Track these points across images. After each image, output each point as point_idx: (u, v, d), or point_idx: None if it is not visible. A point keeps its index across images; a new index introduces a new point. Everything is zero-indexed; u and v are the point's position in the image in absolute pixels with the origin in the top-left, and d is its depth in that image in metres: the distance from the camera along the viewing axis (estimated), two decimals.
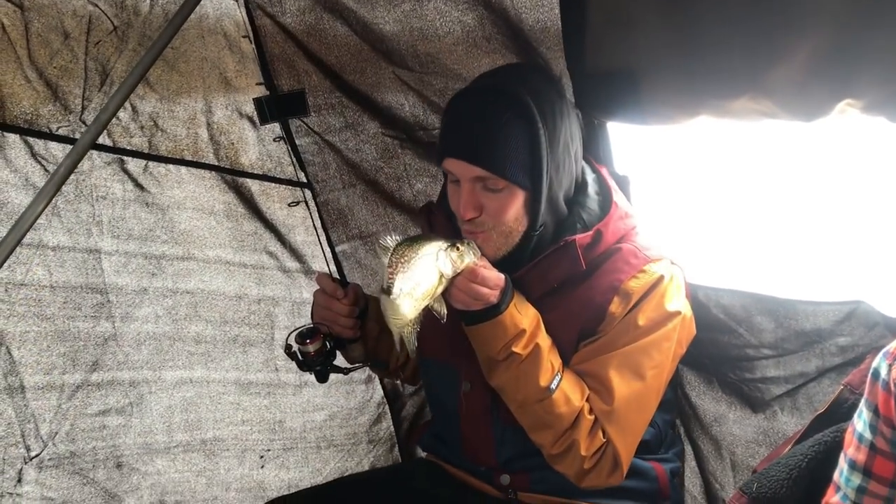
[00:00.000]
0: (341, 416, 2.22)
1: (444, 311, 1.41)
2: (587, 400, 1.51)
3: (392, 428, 2.35)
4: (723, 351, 1.93)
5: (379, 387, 2.32)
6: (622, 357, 1.50)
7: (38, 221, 1.61)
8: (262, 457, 2.07)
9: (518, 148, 1.41)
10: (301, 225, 2.11)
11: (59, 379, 1.68)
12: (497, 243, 1.50)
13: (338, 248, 2.22)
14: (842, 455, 1.34)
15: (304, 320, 2.09)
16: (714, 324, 1.89)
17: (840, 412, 1.48)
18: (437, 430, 1.84)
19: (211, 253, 1.95)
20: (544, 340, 1.49)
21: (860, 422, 1.29)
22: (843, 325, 1.74)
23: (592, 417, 1.49)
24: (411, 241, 1.37)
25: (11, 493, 1.67)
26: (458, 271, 1.38)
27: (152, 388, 1.85)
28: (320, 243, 1.99)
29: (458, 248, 1.37)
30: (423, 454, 1.93)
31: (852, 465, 1.29)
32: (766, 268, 1.90)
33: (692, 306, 1.63)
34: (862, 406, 1.30)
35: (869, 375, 1.26)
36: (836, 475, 1.34)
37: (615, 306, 1.50)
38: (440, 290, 1.38)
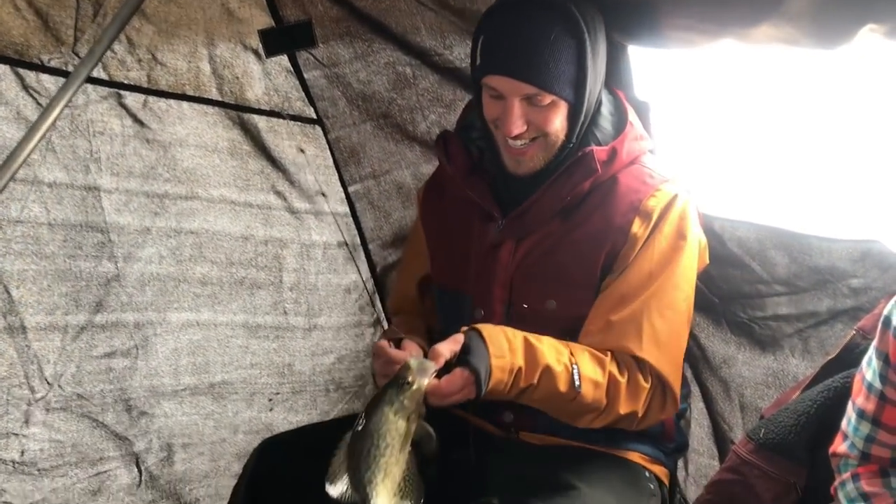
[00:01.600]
0: (350, 359, 2.18)
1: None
2: (616, 361, 1.46)
3: None
4: (734, 287, 1.89)
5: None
6: (655, 299, 1.46)
7: (32, 157, 1.57)
8: (270, 400, 2.02)
9: (566, 62, 1.39)
10: (311, 163, 2.03)
11: (61, 320, 1.61)
12: (537, 157, 1.48)
13: (350, 189, 2.14)
14: (850, 404, 1.30)
15: (314, 264, 2.04)
16: (727, 257, 1.86)
17: (851, 357, 1.45)
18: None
19: (215, 192, 1.87)
20: (544, 354, 1.40)
21: (869, 370, 1.24)
22: (858, 264, 1.71)
23: (625, 378, 1.44)
24: (356, 436, 1.22)
25: (18, 434, 1.61)
26: (421, 403, 1.23)
27: (157, 330, 1.78)
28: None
29: (407, 384, 1.21)
30: None
31: (861, 415, 1.25)
32: (783, 202, 1.85)
33: (707, 237, 1.61)
34: (871, 354, 1.25)
35: (880, 323, 1.22)
36: (843, 424, 1.31)
37: (637, 227, 1.46)
38: (408, 438, 1.22)
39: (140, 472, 1.79)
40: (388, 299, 2.00)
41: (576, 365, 1.42)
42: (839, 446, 1.30)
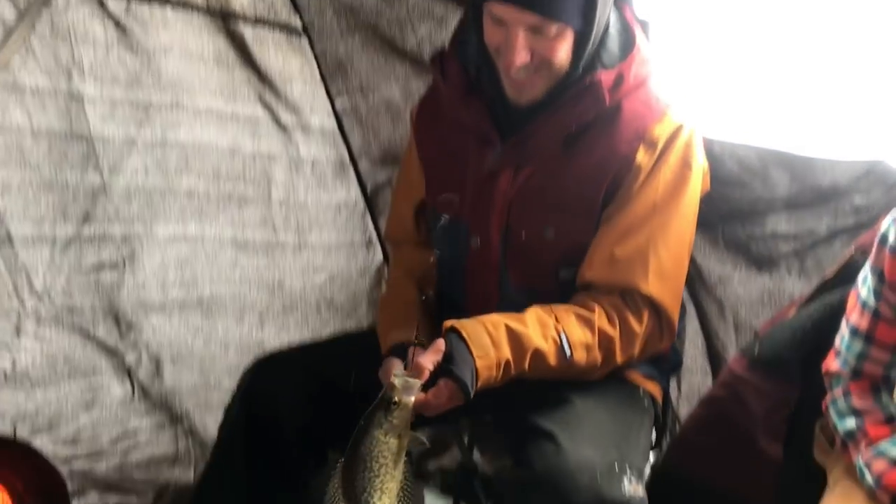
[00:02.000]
0: (342, 279, 2.19)
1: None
2: (605, 313, 1.48)
3: None
4: (734, 206, 1.92)
5: (380, 250, 2.28)
6: (661, 232, 1.47)
7: (11, 61, 1.55)
8: (261, 317, 2.03)
9: None
10: (298, 75, 2.01)
11: (49, 231, 1.61)
12: (540, 86, 1.45)
13: (337, 102, 2.12)
14: (843, 321, 1.34)
15: (303, 179, 2.03)
16: (727, 178, 1.87)
17: (849, 275, 1.47)
18: (439, 289, 1.82)
19: (201, 102, 1.85)
20: (530, 337, 1.42)
21: (864, 287, 1.27)
22: (861, 181, 1.73)
23: (616, 330, 1.47)
24: (348, 461, 1.25)
25: (9, 345, 1.64)
26: (409, 417, 1.25)
27: (144, 243, 1.79)
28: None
29: (394, 405, 1.23)
30: None
31: (854, 332, 1.29)
32: (785, 124, 1.85)
33: (707, 160, 1.60)
34: (867, 271, 1.28)
35: (877, 239, 1.24)
36: (836, 341, 1.35)
37: (641, 156, 1.46)
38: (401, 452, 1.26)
39: (132, 385, 1.82)
40: (385, 226, 1.96)
41: (563, 333, 1.44)
42: (831, 364, 1.35)
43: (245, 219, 1.95)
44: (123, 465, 1.83)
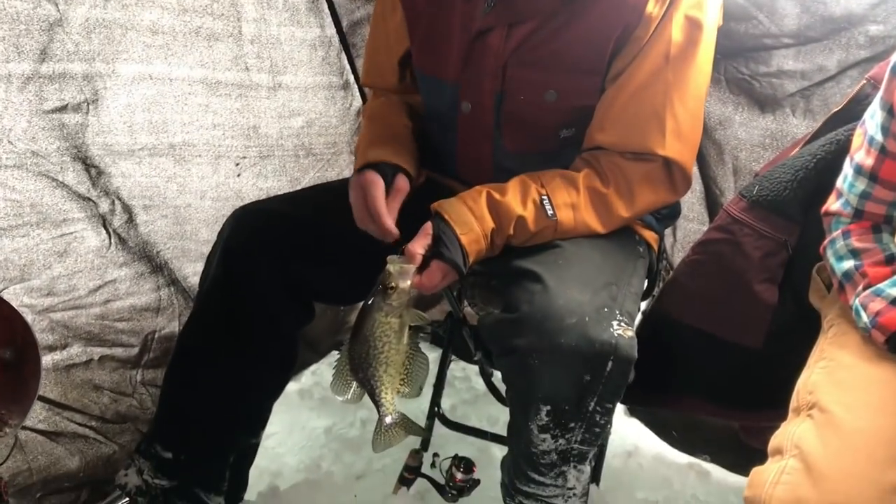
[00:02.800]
0: (320, 124, 2.17)
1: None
2: (597, 173, 1.53)
3: None
4: (737, 42, 1.91)
5: (358, 95, 2.24)
6: (677, 88, 1.46)
7: None
8: (237, 164, 2.02)
9: None
10: None
11: (2, 68, 1.54)
12: None
13: None
14: (846, 161, 1.34)
15: (275, 14, 1.96)
16: (731, 10, 1.85)
17: (859, 110, 1.46)
18: (431, 142, 1.80)
19: None
20: (510, 204, 1.47)
21: (872, 123, 1.26)
22: (878, 8, 1.71)
23: (611, 188, 1.51)
24: (353, 342, 1.39)
25: None
26: (410, 293, 1.36)
27: (107, 83, 1.72)
28: None
29: (391, 289, 1.34)
30: None
31: (858, 170, 1.29)
32: None
33: None
34: (875, 106, 1.27)
35: (888, 70, 1.22)
36: (838, 182, 1.35)
37: (652, 5, 1.41)
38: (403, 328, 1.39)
39: (109, 233, 1.82)
40: (362, 73, 1.92)
41: (545, 195, 1.48)
42: (832, 204, 1.36)
43: (215, 58, 1.89)
44: (105, 315, 1.87)
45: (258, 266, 1.59)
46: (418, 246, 1.40)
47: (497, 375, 2.07)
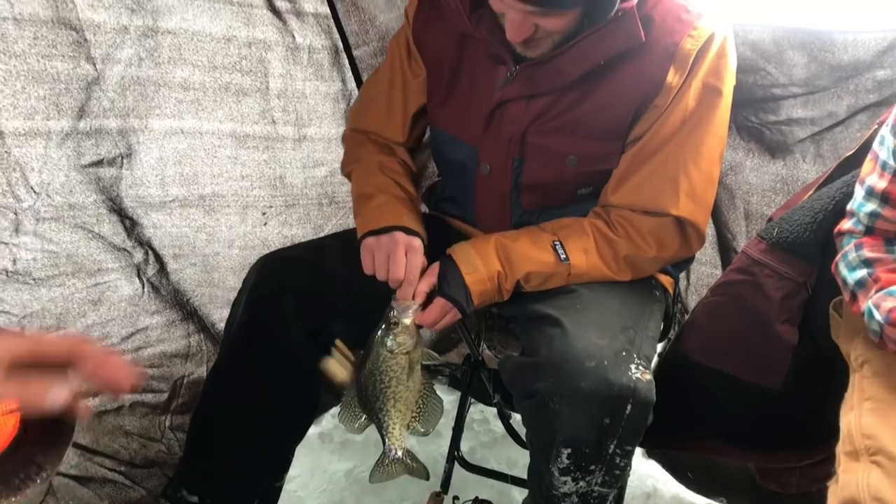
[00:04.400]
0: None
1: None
2: (606, 222, 1.55)
3: None
4: (746, 93, 1.92)
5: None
6: (691, 150, 1.48)
7: None
8: (264, 214, 2.07)
9: None
10: None
11: (43, 125, 1.60)
12: (547, 46, 1.43)
13: None
14: (857, 186, 1.34)
15: (300, 69, 2.01)
16: (740, 64, 1.85)
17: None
18: (448, 195, 1.83)
19: None
20: (520, 248, 1.51)
21: (883, 149, 1.28)
22: (885, 56, 1.74)
23: (622, 235, 1.53)
24: (361, 375, 1.43)
25: (7, 243, 1.66)
26: (415, 336, 1.41)
27: (141, 137, 1.79)
28: None
29: (394, 325, 1.40)
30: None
31: (870, 192, 1.30)
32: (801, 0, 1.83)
33: None
34: (885, 132, 1.28)
35: None
36: (850, 205, 1.36)
37: (672, 76, 1.44)
38: (413, 366, 1.43)
39: (142, 282, 1.87)
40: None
41: (558, 241, 1.52)
42: (844, 224, 1.37)
43: (243, 112, 1.95)
44: (136, 362, 1.91)
45: (282, 311, 1.62)
46: (424, 284, 1.46)
47: (516, 418, 2.07)
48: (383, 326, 1.41)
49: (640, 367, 1.37)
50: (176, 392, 2.01)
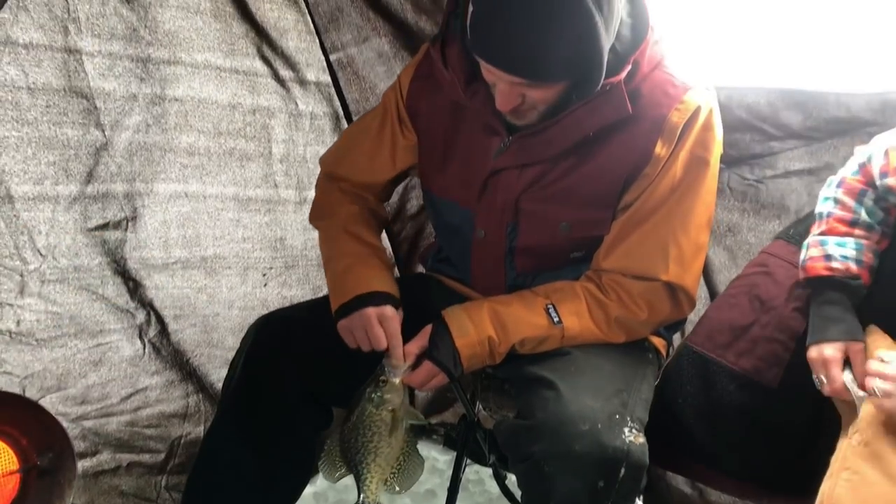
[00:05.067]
0: None
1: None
2: (597, 285, 1.57)
3: (391, 248, 2.37)
4: (742, 151, 1.97)
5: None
6: (680, 218, 1.51)
7: (2, 15, 1.57)
8: (264, 275, 2.09)
9: (568, 47, 1.29)
10: (293, 29, 2.04)
11: (52, 190, 1.64)
12: (535, 116, 1.46)
13: (332, 57, 2.16)
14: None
15: (302, 135, 2.06)
16: (735, 124, 1.91)
17: None
18: (444, 255, 1.86)
19: (199, 57, 1.88)
20: (512, 312, 1.53)
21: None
22: (878, 114, 1.79)
23: (614, 298, 1.55)
24: (345, 427, 1.46)
25: (12, 305, 1.69)
26: (402, 395, 1.45)
27: (146, 201, 1.83)
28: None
29: (382, 382, 1.44)
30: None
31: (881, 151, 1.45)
32: (794, 63, 1.88)
33: None
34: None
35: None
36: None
37: (660, 147, 1.48)
38: (396, 424, 1.47)
39: (143, 343, 1.89)
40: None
41: (551, 305, 1.54)
42: (857, 147, 1.52)
43: (247, 176, 2.00)
44: (134, 422, 1.92)
45: (279, 371, 1.63)
46: (414, 346, 1.49)
47: (511, 479, 2.06)
48: (372, 382, 1.45)
49: (634, 430, 1.38)
50: (173, 452, 2.01)
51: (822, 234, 1.47)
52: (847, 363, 1.37)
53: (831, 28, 1.81)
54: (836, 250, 1.43)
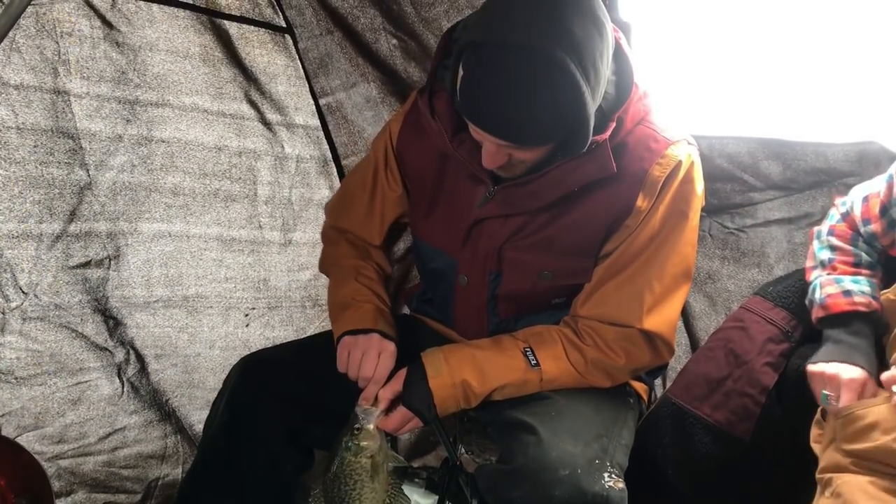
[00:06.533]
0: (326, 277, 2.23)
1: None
2: (574, 330, 1.59)
3: None
4: (723, 200, 2.00)
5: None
6: (657, 268, 1.54)
7: None
8: (246, 315, 2.10)
9: (555, 114, 1.31)
10: (283, 74, 2.08)
11: (35, 228, 1.66)
12: (521, 170, 1.49)
13: (322, 102, 2.19)
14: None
15: (287, 177, 2.09)
16: (716, 174, 1.95)
17: None
18: (429, 297, 1.87)
19: (187, 100, 1.91)
20: (490, 356, 1.56)
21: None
22: (855, 165, 1.84)
23: (590, 343, 1.57)
24: (327, 479, 1.47)
25: None
26: (378, 440, 1.47)
27: (129, 240, 1.85)
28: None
29: (357, 430, 1.46)
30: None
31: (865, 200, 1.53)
32: (774, 114, 1.94)
33: None
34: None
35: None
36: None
37: (641, 200, 1.51)
38: (377, 469, 1.48)
39: (122, 382, 1.89)
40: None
41: (529, 348, 1.56)
42: (837, 199, 1.61)
43: (231, 217, 2.01)
44: (111, 462, 1.91)
45: (262, 413, 1.63)
46: (387, 391, 1.51)
47: None
48: (347, 431, 1.46)
49: (614, 476, 1.39)
50: (150, 493, 1.99)
51: (831, 274, 1.52)
52: None
53: (810, 79, 1.86)
54: (853, 286, 1.47)
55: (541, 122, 1.32)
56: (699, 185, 1.57)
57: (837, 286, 1.48)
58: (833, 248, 1.54)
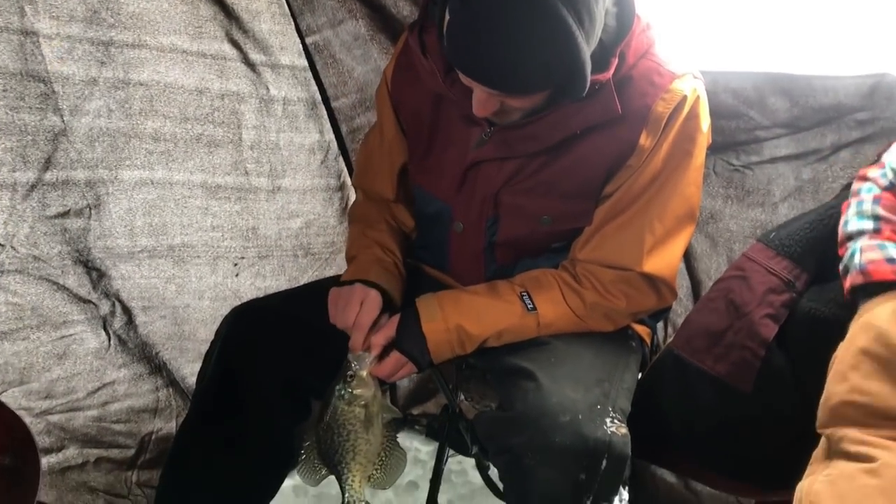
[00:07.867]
0: (318, 224, 2.21)
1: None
2: (571, 274, 1.55)
3: None
4: (728, 137, 1.95)
5: (354, 196, 2.28)
6: (658, 207, 1.49)
7: None
8: (235, 265, 2.06)
9: (545, 62, 1.24)
10: (266, 11, 1.97)
11: (9, 177, 1.60)
12: (516, 116, 1.44)
13: (308, 40, 2.10)
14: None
15: (274, 121, 2.02)
16: (720, 110, 1.88)
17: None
18: (424, 242, 1.83)
19: (165, 40, 1.81)
20: (484, 299, 1.52)
21: None
22: (866, 99, 1.77)
23: (589, 286, 1.53)
24: (319, 429, 1.44)
25: None
26: (372, 388, 1.43)
27: (110, 189, 1.78)
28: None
29: (349, 377, 1.41)
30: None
31: None
32: (782, 47, 1.85)
33: None
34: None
35: None
36: (883, 157, 1.38)
37: (644, 138, 1.45)
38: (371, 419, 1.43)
39: (108, 335, 1.84)
40: (355, 172, 1.96)
41: (525, 292, 1.52)
42: (869, 171, 1.38)
43: (215, 163, 1.94)
44: (102, 417, 1.88)
45: (256, 363, 1.60)
46: (380, 337, 1.48)
47: (494, 469, 2.04)
48: (340, 379, 1.42)
49: (616, 421, 1.36)
50: (143, 448, 1.97)
51: (874, 240, 1.31)
52: None
53: (819, 8, 1.78)
54: None
55: (531, 69, 1.25)
56: (705, 122, 1.51)
57: (881, 252, 1.27)
58: (878, 218, 1.34)
